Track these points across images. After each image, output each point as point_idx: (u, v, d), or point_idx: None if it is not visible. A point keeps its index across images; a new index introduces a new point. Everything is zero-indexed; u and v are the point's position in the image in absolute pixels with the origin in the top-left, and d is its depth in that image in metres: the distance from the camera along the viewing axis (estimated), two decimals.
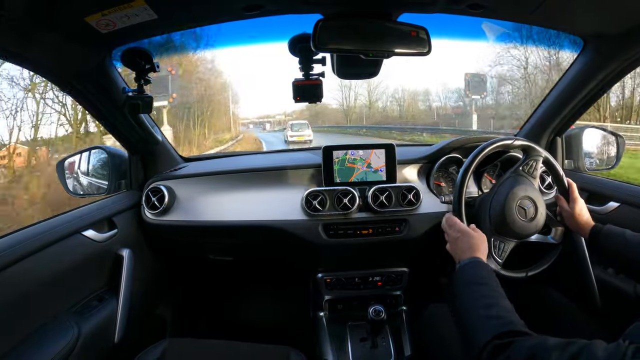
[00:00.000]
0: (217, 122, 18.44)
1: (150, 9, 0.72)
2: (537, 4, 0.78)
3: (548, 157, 0.97)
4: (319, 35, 0.75)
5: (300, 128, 14.39)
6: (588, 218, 0.91)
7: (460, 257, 0.78)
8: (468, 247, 0.79)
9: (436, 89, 23.75)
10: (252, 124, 25.21)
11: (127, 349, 0.98)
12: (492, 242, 0.92)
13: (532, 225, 0.92)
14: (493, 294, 0.66)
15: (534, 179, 0.96)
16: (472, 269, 0.73)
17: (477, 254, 0.77)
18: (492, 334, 0.58)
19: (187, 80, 13.47)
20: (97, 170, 1.20)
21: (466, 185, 0.95)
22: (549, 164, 0.98)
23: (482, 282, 0.69)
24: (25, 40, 0.72)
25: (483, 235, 0.84)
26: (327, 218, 1.12)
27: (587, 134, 1.23)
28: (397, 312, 1.32)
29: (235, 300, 1.68)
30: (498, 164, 1.22)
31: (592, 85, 1.05)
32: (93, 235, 0.97)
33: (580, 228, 0.91)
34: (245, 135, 18.46)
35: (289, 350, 0.92)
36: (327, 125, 23.33)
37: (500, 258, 0.90)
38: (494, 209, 0.93)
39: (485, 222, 0.94)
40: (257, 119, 24.39)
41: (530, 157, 0.97)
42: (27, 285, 0.77)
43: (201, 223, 1.15)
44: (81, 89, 0.94)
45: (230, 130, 20.77)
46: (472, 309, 0.65)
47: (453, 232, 0.85)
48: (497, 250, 0.91)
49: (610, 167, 1.23)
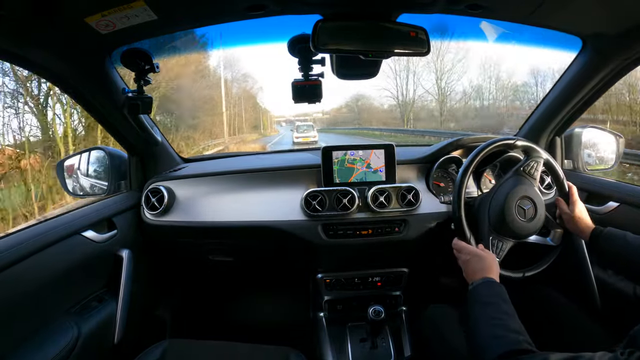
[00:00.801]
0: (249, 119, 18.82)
1: (150, 9, 0.72)
2: (536, 5, 0.78)
3: (549, 159, 0.98)
4: (318, 36, 0.76)
5: (306, 130, 15.17)
6: (588, 221, 0.92)
7: (473, 279, 0.79)
8: (480, 269, 0.80)
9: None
10: (288, 122, 24.95)
11: (127, 349, 0.98)
12: (491, 240, 0.92)
13: (531, 225, 0.93)
14: (502, 314, 0.68)
15: (535, 180, 0.97)
16: (484, 289, 0.75)
17: (489, 274, 0.78)
18: (497, 352, 0.59)
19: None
20: (97, 171, 1.20)
21: (466, 185, 0.95)
22: (550, 166, 0.98)
23: (492, 302, 0.71)
24: (25, 40, 0.73)
25: (493, 255, 0.85)
26: (327, 218, 1.12)
27: (586, 134, 1.23)
28: (397, 313, 1.32)
29: (235, 301, 1.67)
30: (497, 164, 1.22)
31: (591, 85, 1.05)
32: (93, 236, 0.97)
33: (580, 231, 0.91)
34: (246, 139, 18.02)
35: (289, 351, 0.92)
36: (375, 127, 18.72)
37: (498, 257, 0.90)
38: (494, 208, 0.93)
39: (485, 221, 0.94)
40: (294, 117, 23.97)
41: (531, 158, 0.97)
42: (27, 285, 0.77)
43: (201, 224, 1.15)
44: (81, 90, 0.94)
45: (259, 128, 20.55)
46: (481, 328, 0.67)
47: (463, 255, 0.86)
48: (495, 249, 0.92)
49: (609, 167, 1.23)
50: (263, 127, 23.59)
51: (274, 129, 25.81)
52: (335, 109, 22.04)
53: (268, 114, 25.05)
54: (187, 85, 10.95)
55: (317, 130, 16.31)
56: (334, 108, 22.22)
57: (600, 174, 1.19)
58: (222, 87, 15.75)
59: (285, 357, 0.91)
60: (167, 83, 8.99)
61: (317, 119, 23.54)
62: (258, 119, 22.78)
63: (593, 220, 0.93)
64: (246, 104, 20.13)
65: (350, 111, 22.25)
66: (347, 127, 20.86)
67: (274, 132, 24.24)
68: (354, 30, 0.78)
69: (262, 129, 23.10)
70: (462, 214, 0.94)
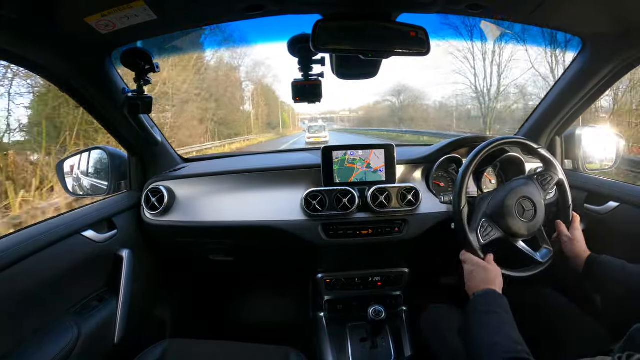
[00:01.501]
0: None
1: (150, 9, 0.72)
2: (536, 5, 0.78)
3: (564, 181, 0.98)
4: (318, 36, 0.76)
5: (317, 130, 16.61)
6: (585, 247, 0.92)
7: (475, 290, 0.80)
8: (482, 280, 0.81)
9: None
10: (313, 120, 24.22)
11: (127, 349, 0.98)
12: (482, 222, 0.93)
13: (525, 226, 0.93)
14: (503, 324, 0.69)
15: (544, 192, 0.97)
16: (484, 299, 0.76)
17: (491, 286, 0.79)
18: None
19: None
20: (97, 171, 1.20)
21: (467, 185, 0.95)
22: (562, 188, 0.99)
23: (493, 311, 0.72)
24: (25, 40, 0.73)
25: (497, 268, 0.85)
26: (327, 218, 1.12)
27: (586, 134, 1.23)
28: (397, 313, 1.32)
29: (235, 301, 1.68)
30: (497, 164, 1.22)
31: (591, 85, 1.05)
32: (93, 236, 0.97)
33: (576, 255, 0.91)
34: None
35: (289, 351, 0.92)
36: (428, 130, 14.89)
37: (482, 239, 0.91)
38: (496, 198, 0.95)
39: (482, 209, 0.95)
40: (320, 115, 23.41)
41: (549, 172, 0.98)
42: (27, 285, 0.77)
43: (201, 224, 1.15)
44: (81, 90, 0.94)
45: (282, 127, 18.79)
46: (482, 335, 0.67)
47: (468, 265, 0.87)
48: (482, 230, 0.93)
49: (609, 167, 1.23)
50: (284, 125, 21.76)
51: (297, 127, 23.99)
52: (364, 107, 20.71)
53: (291, 111, 23.70)
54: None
55: (343, 131, 16.31)
56: (363, 106, 20.93)
57: (600, 174, 1.19)
58: None
59: (286, 357, 0.91)
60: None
61: (345, 117, 22.85)
62: (274, 116, 20.70)
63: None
64: (258, 97, 18.00)
65: (389, 108, 19.08)
66: (389, 130, 17.54)
67: (297, 131, 22.53)
68: (353, 30, 0.78)
69: (283, 127, 21.21)
70: (463, 214, 0.94)
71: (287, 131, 21.50)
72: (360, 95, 19.36)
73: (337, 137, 17.08)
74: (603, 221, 1.05)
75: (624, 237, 1.00)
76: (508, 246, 0.95)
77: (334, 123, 28.91)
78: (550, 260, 0.96)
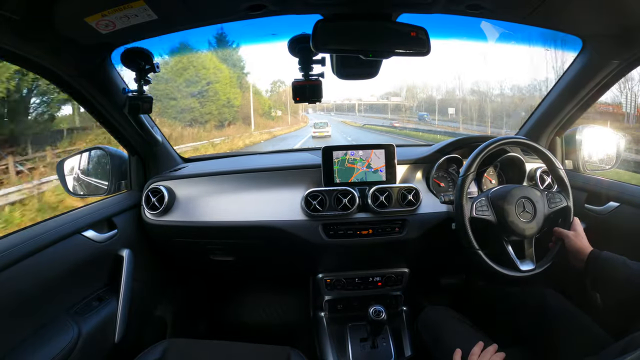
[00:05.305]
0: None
1: (150, 9, 0.72)
2: (536, 5, 0.78)
3: (570, 209, 0.99)
4: (319, 36, 0.76)
5: (322, 126, 18.85)
6: (587, 243, 0.92)
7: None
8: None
9: None
10: (327, 111, 23.72)
11: (127, 349, 0.98)
12: (481, 199, 0.97)
13: (517, 223, 0.94)
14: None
15: (549, 208, 0.98)
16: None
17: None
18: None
19: None
20: (97, 171, 1.20)
21: (468, 184, 0.95)
22: (566, 213, 0.99)
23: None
24: (25, 40, 0.73)
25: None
26: (327, 218, 1.12)
27: (586, 134, 1.22)
28: (397, 313, 1.32)
29: (236, 301, 1.67)
30: (498, 164, 1.22)
31: (591, 86, 1.05)
32: (93, 236, 0.97)
33: (578, 250, 0.91)
34: None
35: (290, 351, 0.92)
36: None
37: (475, 211, 0.95)
38: (505, 188, 0.98)
39: (487, 192, 0.99)
40: (333, 103, 22.91)
41: (561, 195, 1.00)
42: (27, 285, 0.77)
43: (201, 223, 1.15)
44: (81, 90, 0.94)
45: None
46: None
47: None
48: (479, 204, 0.96)
49: (609, 167, 1.22)
50: (269, 117, 19.41)
51: (298, 120, 21.18)
52: (377, 95, 19.94)
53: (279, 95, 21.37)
54: None
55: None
56: (375, 94, 20.03)
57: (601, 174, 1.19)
58: None
59: (286, 356, 0.91)
60: None
61: (353, 105, 22.41)
62: (277, 103, 19.17)
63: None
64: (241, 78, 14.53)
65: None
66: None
67: (296, 127, 20.32)
68: (354, 30, 0.78)
69: (290, 114, 18.61)
70: (464, 214, 0.94)
71: (276, 125, 17.74)
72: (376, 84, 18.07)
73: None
74: (603, 221, 1.05)
75: (625, 237, 1.00)
76: (498, 247, 0.97)
77: (352, 113, 27.25)
78: (529, 275, 0.96)
